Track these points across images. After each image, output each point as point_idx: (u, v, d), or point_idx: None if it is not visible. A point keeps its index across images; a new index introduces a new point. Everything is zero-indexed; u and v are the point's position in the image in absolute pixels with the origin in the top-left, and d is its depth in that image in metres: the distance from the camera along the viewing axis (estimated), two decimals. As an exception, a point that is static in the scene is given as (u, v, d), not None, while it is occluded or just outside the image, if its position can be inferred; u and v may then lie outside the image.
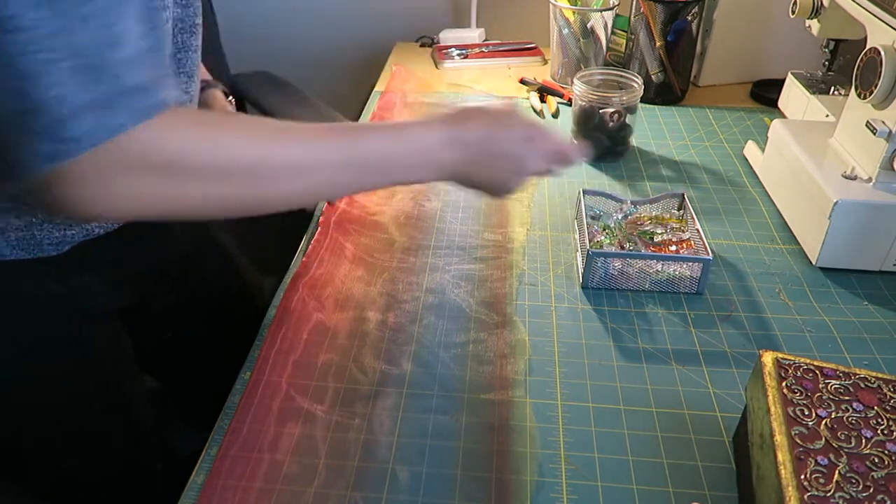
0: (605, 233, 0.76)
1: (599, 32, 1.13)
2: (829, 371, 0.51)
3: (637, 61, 1.12)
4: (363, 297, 0.71)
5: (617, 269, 0.72)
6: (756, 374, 0.52)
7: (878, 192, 0.73)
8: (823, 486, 0.43)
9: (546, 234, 0.82)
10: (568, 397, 0.61)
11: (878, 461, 0.45)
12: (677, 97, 1.15)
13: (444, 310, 0.70)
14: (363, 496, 0.51)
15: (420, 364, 0.63)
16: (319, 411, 0.58)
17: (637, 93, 0.93)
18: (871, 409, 0.48)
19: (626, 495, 0.52)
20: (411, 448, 0.56)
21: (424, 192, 0.88)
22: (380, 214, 0.84)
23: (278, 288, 0.73)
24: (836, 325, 0.69)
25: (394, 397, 0.60)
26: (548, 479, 0.53)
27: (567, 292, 0.73)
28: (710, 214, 0.86)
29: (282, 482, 0.53)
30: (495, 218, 0.84)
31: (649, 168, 0.96)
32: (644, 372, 0.63)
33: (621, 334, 0.68)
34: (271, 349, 0.64)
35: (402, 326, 0.67)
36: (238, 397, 0.60)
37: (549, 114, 1.11)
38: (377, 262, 0.75)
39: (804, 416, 0.48)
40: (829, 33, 0.94)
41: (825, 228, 0.74)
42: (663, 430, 0.58)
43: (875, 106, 0.73)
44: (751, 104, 1.16)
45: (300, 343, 0.65)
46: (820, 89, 0.99)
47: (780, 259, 0.79)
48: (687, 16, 1.06)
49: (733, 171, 0.96)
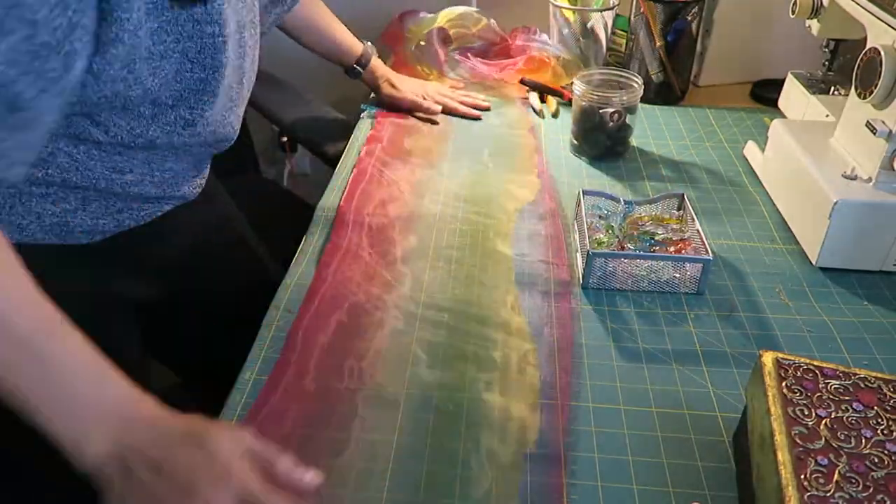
0: (608, 232, 0.76)
1: (599, 32, 1.13)
2: (829, 371, 0.51)
3: (637, 61, 1.12)
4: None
5: (617, 269, 0.73)
6: (756, 374, 0.52)
7: (878, 192, 0.73)
8: (823, 486, 0.43)
9: (548, 233, 0.82)
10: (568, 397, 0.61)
11: (878, 461, 0.45)
12: (677, 97, 1.15)
13: (439, 302, 0.70)
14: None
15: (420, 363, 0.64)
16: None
17: (637, 93, 0.93)
18: (871, 409, 0.48)
19: (626, 495, 0.52)
20: (409, 448, 0.56)
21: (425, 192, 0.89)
22: (382, 215, 0.84)
23: (278, 289, 0.73)
24: (836, 325, 0.69)
25: (394, 385, 0.60)
26: (547, 478, 0.53)
27: (569, 291, 0.73)
28: (710, 214, 0.86)
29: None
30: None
31: (649, 168, 0.96)
32: (644, 372, 0.63)
33: (621, 334, 0.68)
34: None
35: (401, 325, 0.67)
36: (239, 397, 0.60)
37: (549, 114, 1.11)
38: (378, 264, 0.76)
39: (804, 416, 0.48)
40: (829, 33, 0.94)
41: (825, 228, 0.74)
42: (663, 430, 0.58)
43: (875, 106, 0.73)
44: (751, 104, 1.16)
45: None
46: (820, 89, 0.99)
47: (780, 259, 0.79)
48: (687, 16, 1.06)
49: (733, 171, 0.96)
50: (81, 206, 0.65)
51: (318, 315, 0.68)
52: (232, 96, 0.67)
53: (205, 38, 0.57)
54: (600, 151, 0.97)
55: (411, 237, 0.80)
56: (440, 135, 1.03)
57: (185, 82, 0.59)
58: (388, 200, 0.86)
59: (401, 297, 0.71)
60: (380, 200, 0.86)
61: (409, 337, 0.66)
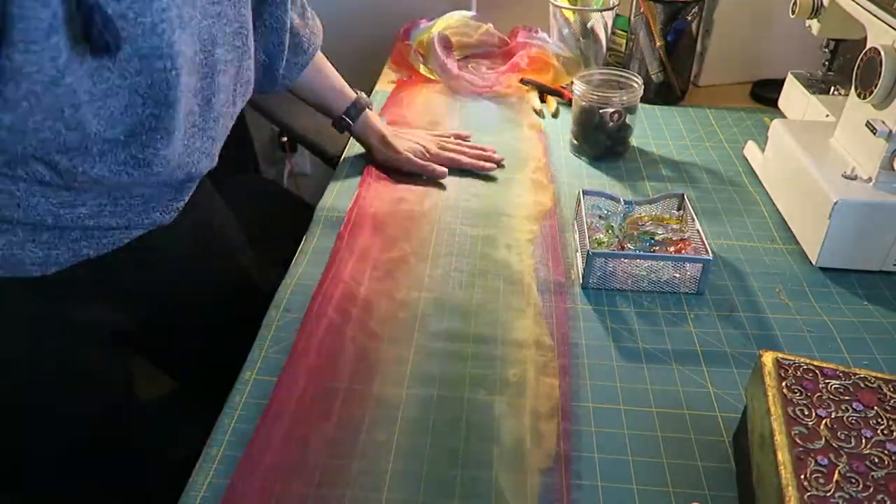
0: (608, 232, 0.76)
1: (599, 32, 1.13)
2: (829, 371, 0.51)
3: (637, 61, 1.12)
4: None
5: (617, 269, 0.73)
6: (756, 374, 0.52)
7: (878, 192, 0.73)
8: (823, 486, 0.43)
9: (546, 234, 0.82)
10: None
11: (878, 461, 0.45)
12: (677, 97, 1.15)
13: (443, 308, 0.70)
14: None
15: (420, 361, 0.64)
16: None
17: (637, 93, 0.93)
18: (871, 409, 0.48)
19: (626, 495, 0.52)
20: (407, 447, 0.56)
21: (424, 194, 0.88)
22: (386, 215, 0.84)
23: (279, 287, 0.73)
24: (836, 325, 0.69)
25: (394, 387, 0.60)
26: (548, 478, 0.53)
27: (567, 292, 0.73)
28: (710, 214, 0.86)
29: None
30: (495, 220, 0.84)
31: (649, 168, 0.96)
32: (644, 372, 0.63)
33: (621, 334, 0.68)
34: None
35: (400, 320, 0.67)
36: (239, 397, 0.60)
37: (549, 114, 1.11)
38: (381, 257, 0.76)
39: (804, 416, 0.48)
40: (829, 33, 0.94)
41: (825, 228, 0.74)
42: (663, 430, 0.58)
43: (875, 106, 0.73)
44: (751, 104, 1.16)
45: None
46: (820, 89, 0.99)
47: (780, 259, 0.79)
48: (687, 16, 1.06)
49: (733, 171, 0.96)
50: (31, 238, 0.58)
51: (320, 315, 0.68)
52: (196, 123, 0.61)
53: (154, 73, 0.52)
54: (600, 151, 0.97)
55: (416, 238, 0.80)
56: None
57: (136, 117, 0.53)
58: (396, 201, 0.86)
59: (402, 297, 0.71)
60: (387, 200, 0.86)
61: (410, 337, 0.66)
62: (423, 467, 0.54)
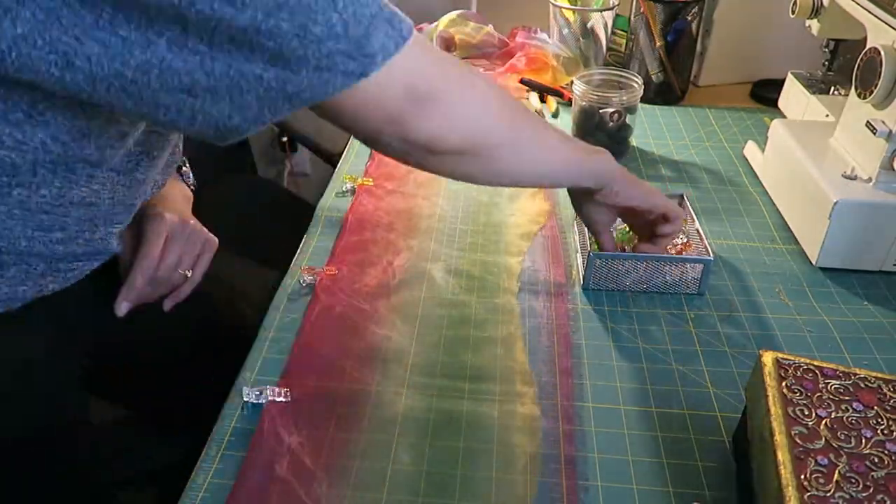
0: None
1: (599, 32, 1.13)
2: (828, 371, 0.51)
3: (637, 61, 1.12)
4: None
5: (617, 270, 0.72)
6: (756, 374, 0.52)
7: (878, 192, 0.73)
8: (823, 486, 0.43)
9: (546, 234, 0.82)
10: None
11: (878, 461, 0.45)
12: (677, 97, 1.15)
13: (444, 308, 0.70)
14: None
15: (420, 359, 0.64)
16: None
17: (637, 93, 0.93)
18: (871, 409, 0.48)
19: (626, 495, 0.52)
20: (409, 448, 0.56)
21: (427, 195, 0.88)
22: (385, 216, 0.84)
23: (278, 290, 0.73)
24: (836, 325, 0.69)
25: (394, 386, 0.60)
26: (548, 479, 0.53)
27: (567, 293, 0.73)
28: (710, 215, 0.86)
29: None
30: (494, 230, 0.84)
31: (649, 168, 0.96)
32: (644, 372, 0.63)
33: (621, 334, 0.68)
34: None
35: (402, 327, 0.67)
36: (240, 398, 0.60)
37: (549, 114, 1.11)
38: (382, 253, 0.76)
39: (804, 416, 0.48)
40: (829, 33, 0.94)
41: (825, 228, 0.74)
42: (663, 430, 0.58)
43: (875, 106, 0.73)
44: (751, 104, 1.16)
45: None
46: (820, 89, 0.99)
47: (780, 259, 0.79)
48: (687, 16, 1.06)
49: (733, 171, 0.96)
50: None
51: (319, 316, 0.68)
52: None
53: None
54: (600, 151, 0.97)
55: (416, 238, 0.80)
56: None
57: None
58: (396, 201, 0.86)
59: (403, 297, 0.71)
60: (387, 201, 0.86)
61: (410, 338, 0.66)
62: (424, 467, 0.54)
